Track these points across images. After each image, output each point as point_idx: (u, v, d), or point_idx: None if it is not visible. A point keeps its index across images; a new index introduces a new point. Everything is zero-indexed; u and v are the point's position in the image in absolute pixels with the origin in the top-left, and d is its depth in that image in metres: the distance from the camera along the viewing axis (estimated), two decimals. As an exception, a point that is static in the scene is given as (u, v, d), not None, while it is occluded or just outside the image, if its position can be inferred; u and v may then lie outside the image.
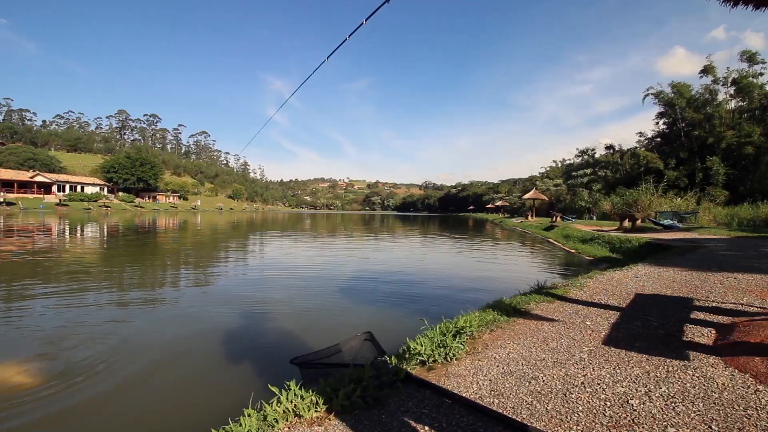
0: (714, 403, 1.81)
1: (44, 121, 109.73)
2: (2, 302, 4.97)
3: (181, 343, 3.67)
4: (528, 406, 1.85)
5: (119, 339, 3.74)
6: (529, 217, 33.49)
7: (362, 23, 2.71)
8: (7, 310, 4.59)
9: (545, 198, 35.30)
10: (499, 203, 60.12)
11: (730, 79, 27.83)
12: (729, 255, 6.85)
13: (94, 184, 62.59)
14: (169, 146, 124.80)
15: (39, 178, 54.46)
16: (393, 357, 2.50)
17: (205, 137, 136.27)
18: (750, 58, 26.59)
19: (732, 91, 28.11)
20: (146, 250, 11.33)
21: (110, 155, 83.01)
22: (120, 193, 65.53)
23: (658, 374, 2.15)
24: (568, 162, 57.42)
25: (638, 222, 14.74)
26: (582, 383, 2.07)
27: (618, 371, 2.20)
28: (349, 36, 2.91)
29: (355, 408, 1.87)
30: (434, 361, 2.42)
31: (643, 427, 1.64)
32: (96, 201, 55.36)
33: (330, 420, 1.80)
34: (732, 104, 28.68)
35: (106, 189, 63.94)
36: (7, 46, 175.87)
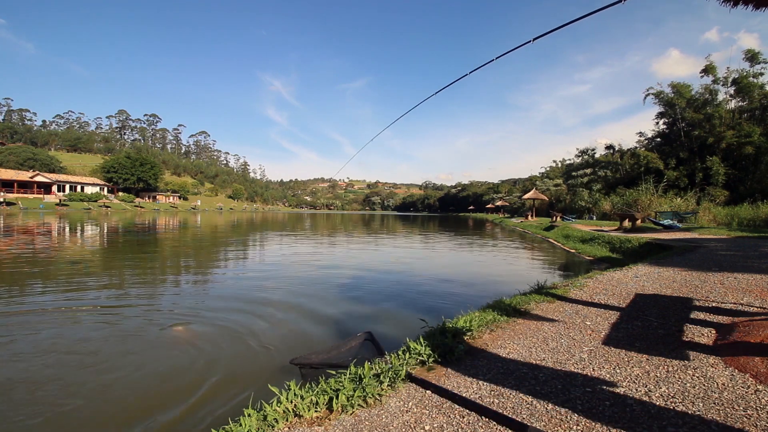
0: (714, 403, 1.81)
1: (44, 121, 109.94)
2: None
3: (180, 343, 3.67)
4: (528, 406, 1.86)
5: (119, 339, 3.74)
6: (529, 217, 33.49)
7: (420, 102, 2.86)
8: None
9: (545, 198, 35.28)
10: (499, 203, 60.18)
11: (730, 79, 27.75)
12: (729, 255, 6.85)
13: (94, 184, 62.58)
14: (169, 146, 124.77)
15: (39, 178, 54.43)
16: (393, 357, 2.49)
17: (205, 137, 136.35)
18: (752, 57, 26.52)
19: (732, 91, 28.06)
20: (147, 251, 11.32)
21: (110, 155, 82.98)
22: (120, 193, 65.52)
23: (658, 374, 2.15)
24: (568, 162, 57.33)
25: (638, 222, 14.73)
26: (582, 383, 2.07)
27: (618, 371, 2.20)
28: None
29: (355, 408, 1.87)
30: (434, 361, 2.42)
31: (642, 427, 1.64)
32: (96, 201, 55.34)
33: (330, 420, 1.80)
34: (732, 104, 28.62)
35: (106, 189, 63.93)
36: (6, 47, 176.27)
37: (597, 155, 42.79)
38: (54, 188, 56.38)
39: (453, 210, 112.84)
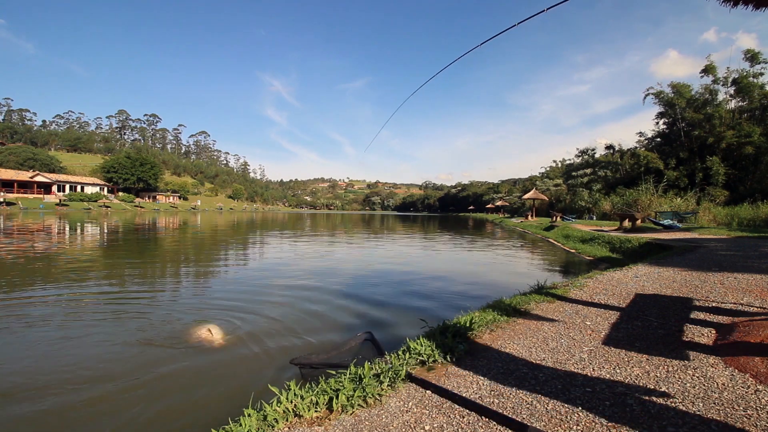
0: (714, 403, 1.81)
1: (44, 121, 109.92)
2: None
3: (179, 344, 3.67)
4: (528, 406, 1.86)
5: (118, 338, 3.74)
6: (529, 217, 33.48)
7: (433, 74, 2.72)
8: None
9: (545, 198, 35.27)
10: (499, 203, 60.16)
11: (730, 79, 27.74)
12: (729, 255, 6.85)
13: (94, 184, 62.57)
14: (169, 146, 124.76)
15: (39, 178, 54.42)
16: (393, 357, 2.50)
17: (205, 137, 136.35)
18: (752, 57, 26.52)
19: (732, 91, 28.06)
20: (147, 251, 11.32)
21: (110, 155, 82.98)
22: (120, 193, 65.51)
23: (658, 374, 2.15)
24: (568, 162, 57.35)
25: (638, 222, 14.72)
26: (582, 383, 2.07)
27: (618, 371, 2.20)
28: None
29: (355, 408, 1.87)
30: (434, 361, 2.42)
31: (642, 427, 1.64)
32: (96, 201, 55.32)
33: (330, 420, 1.80)
34: (732, 104, 28.62)
35: (106, 189, 63.91)
36: (6, 47, 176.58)
37: (597, 155, 42.81)
38: (54, 188, 56.36)
39: (453, 210, 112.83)
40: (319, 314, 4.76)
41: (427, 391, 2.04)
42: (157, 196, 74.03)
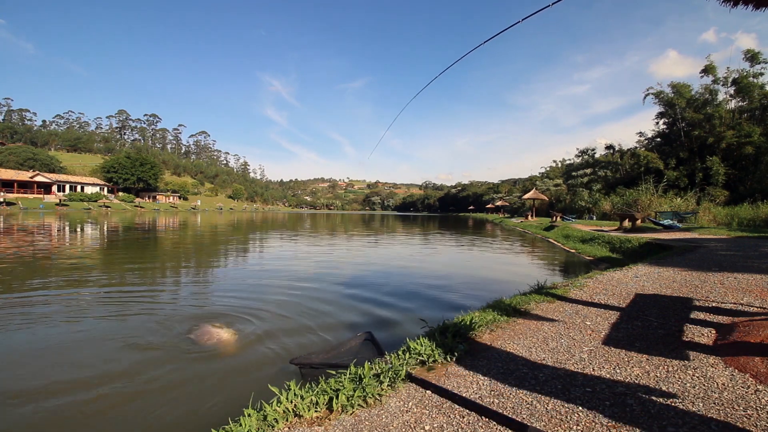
0: (714, 403, 1.81)
1: (44, 121, 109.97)
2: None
3: (180, 343, 3.67)
4: (528, 406, 1.86)
5: (117, 338, 3.74)
6: (529, 217, 33.47)
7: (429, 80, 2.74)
8: None
9: (545, 198, 35.26)
10: (499, 203, 60.18)
11: (730, 79, 27.75)
12: (729, 255, 6.85)
13: (94, 184, 62.57)
14: (169, 146, 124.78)
15: (39, 178, 54.42)
16: (393, 357, 2.49)
17: (205, 137, 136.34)
18: (752, 57, 26.53)
19: (732, 91, 28.06)
20: (146, 250, 11.32)
21: (110, 155, 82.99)
22: (120, 193, 65.51)
23: (658, 374, 2.15)
24: (568, 162, 57.36)
25: (638, 222, 14.72)
26: (582, 383, 2.07)
27: (618, 371, 2.20)
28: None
29: (355, 408, 1.87)
30: (434, 361, 2.42)
31: (642, 427, 1.64)
32: (96, 201, 55.32)
33: (330, 420, 1.80)
34: (732, 104, 28.63)
35: (106, 189, 63.92)
36: (6, 47, 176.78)
37: (597, 155, 42.83)
38: (54, 188, 56.36)
39: (453, 210, 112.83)
40: (318, 314, 4.76)
41: (427, 391, 2.04)
42: (157, 196, 74.03)
